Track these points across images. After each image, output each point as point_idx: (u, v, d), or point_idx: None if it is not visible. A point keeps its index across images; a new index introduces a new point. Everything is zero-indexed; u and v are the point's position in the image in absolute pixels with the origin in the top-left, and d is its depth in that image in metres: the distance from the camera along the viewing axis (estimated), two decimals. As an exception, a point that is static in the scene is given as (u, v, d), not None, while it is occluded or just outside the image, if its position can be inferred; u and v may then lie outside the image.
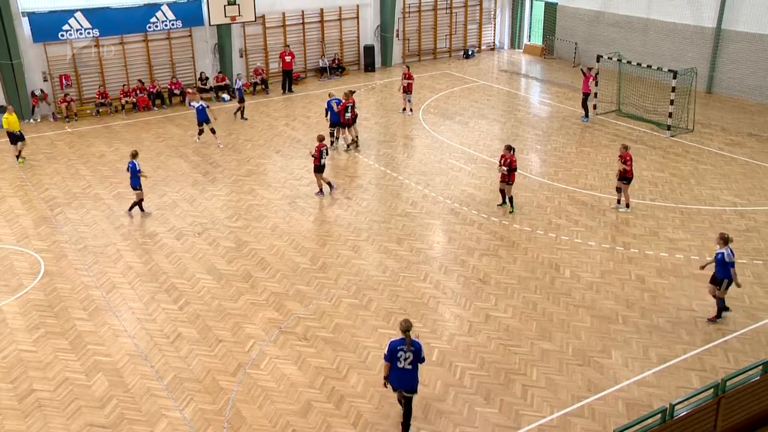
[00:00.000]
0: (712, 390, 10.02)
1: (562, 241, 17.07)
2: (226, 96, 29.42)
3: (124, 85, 28.05)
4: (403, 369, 10.41)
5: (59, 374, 12.52)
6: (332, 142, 23.43)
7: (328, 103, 23.25)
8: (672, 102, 24.37)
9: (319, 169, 19.50)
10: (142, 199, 18.69)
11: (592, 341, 13.31)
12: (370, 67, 33.84)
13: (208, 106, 23.65)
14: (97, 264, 16.28)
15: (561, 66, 34.57)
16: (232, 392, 12.04)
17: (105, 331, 13.78)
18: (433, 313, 14.22)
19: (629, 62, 26.44)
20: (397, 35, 35.00)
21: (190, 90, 28.65)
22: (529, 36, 38.11)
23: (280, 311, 14.36)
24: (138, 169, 18.32)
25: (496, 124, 26.07)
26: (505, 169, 18.15)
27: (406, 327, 10.33)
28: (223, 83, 29.72)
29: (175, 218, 18.56)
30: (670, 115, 24.46)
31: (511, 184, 18.45)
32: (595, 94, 26.89)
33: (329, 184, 19.88)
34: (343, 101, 22.99)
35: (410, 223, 18.12)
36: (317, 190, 19.85)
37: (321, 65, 32.83)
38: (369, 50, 33.64)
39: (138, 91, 28.09)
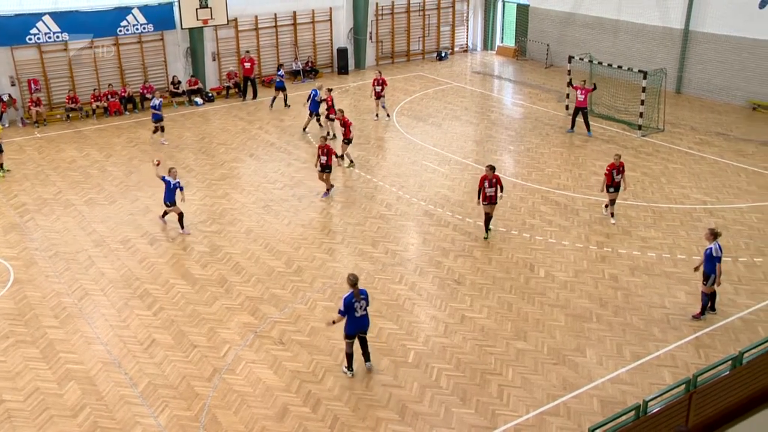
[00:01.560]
0: (683, 386, 10.15)
1: (536, 241, 17.19)
2: (199, 100, 29.21)
3: (94, 90, 27.73)
4: (360, 316, 12.03)
5: (29, 384, 12.32)
6: (304, 129, 25.25)
7: (311, 92, 25.10)
8: (642, 102, 24.69)
9: (328, 168, 19.47)
10: (181, 213, 17.97)
11: (567, 340, 13.41)
12: (343, 69, 33.81)
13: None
14: (69, 271, 16.07)
15: (533, 67, 34.85)
16: (208, 398, 11.95)
17: (77, 338, 13.60)
18: (408, 315, 14.23)
19: (600, 63, 26.74)
20: (370, 38, 35.03)
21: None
22: (502, 38, 38.37)
23: (255, 315, 14.29)
24: (178, 185, 17.56)
25: (469, 125, 26.19)
26: (492, 190, 16.89)
27: (355, 281, 11.95)
28: (196, 87, 29.51)
29: (149, 223, 18.38)
30: (641, 115, 24.78)
31: (495, 204, 17.21)
32: (567, 95, 27.15)
33: (329, 188, 19.88)
34: (327, 97, 24.18)
35: (385, 225, 18.13)
36: (325, 191, 19.80)
37: (294, 68, 32.73)
38: (342, 53, 33.64)
39: (109, 96, 27.79)
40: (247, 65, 29.69)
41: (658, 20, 30.23)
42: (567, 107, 27.01)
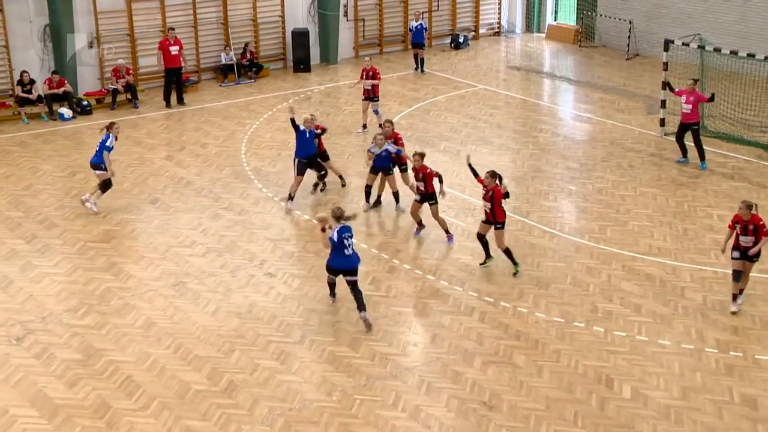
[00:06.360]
0: None
1: (615, 340, 17.18)
2: (65, 111, 29.26)
3: None
4: (350, 255, 17.36)
5: None
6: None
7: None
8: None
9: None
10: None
11: (672, 502, 13.31)
12: (302, 64, 34.13)
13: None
14: None
15: (607, 58, 35.37)
16: None
17: None
18: (410, 462, 14.16)
19: (718, 50, 27.08)
20: (346, 14, 35.46)
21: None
22: (555, 13, 39.02)
23: (156, 465, 14.15)
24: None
25: (505, 152, 26.43)
26: (489, 206, 19.11)
27: (340, 215, 17.17)
28: (61, 90, 29.53)
29: (-19, 312, 18.28)
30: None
31: (501, 228, 19.25)
32: (663, 103, 27.34)
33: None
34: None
35: (371, 312, 18.06)
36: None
37: (224, 62, 33.02)
38: (301, 38, 33.95)
39: None
40: (174, 50, 29.90)
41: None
42: (662, 122, 27.25)
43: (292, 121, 22.50)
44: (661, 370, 16.26)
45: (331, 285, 18.14)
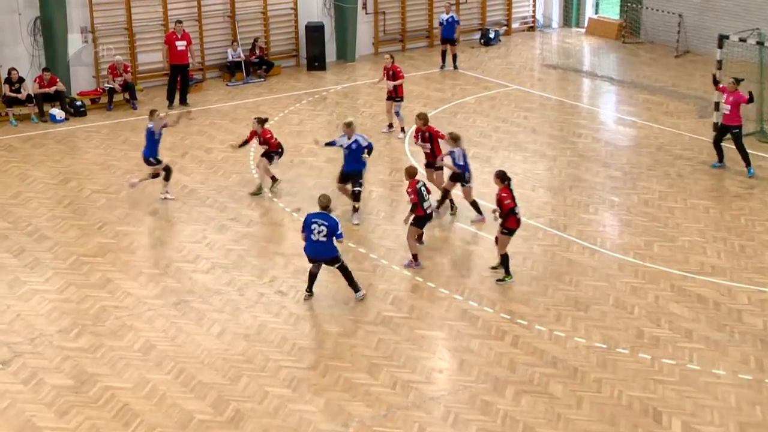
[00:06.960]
0: None
1: (663, 368, 17.09)
2: (57, 112, 29.32)
3: None
4: (317, 241, 18.47)
5: None
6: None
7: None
8: None
9: (421, 221, 20.37)
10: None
11: None
12: (317, 62, 34.15)
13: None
14: None
15: (654, 55, 35.23)
16: None
17: None
18: (435, 502, 14.14)
19: (781, 45, 26.96)
20: (365, 6, 35.46)
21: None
22: (597, 5, 38.90)
23: (155, 502, 14.17)
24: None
25: (540, 159, 26.39)
26: (498, 210, 19.67)
27: (326, 204, 18.64)
28: (53, 90, 29.61)
29: (-35, 333, 18.33)
30: None
31: (508, 233, 19.70)
32: (716, 105, 27.17)
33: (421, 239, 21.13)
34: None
35: (391, 336, 18.09)
36: (408, 260, 20.71)
37: (231, 59, 33.05)
38: (315, 33, 34.00)
39: None
40: (180, 45, 29.91)
41: None
42: (716, 127, 27.09)
43: (330, 143, 23.28)
44: (715, 403, 16.13)
45: (312, 276, 19.12)
